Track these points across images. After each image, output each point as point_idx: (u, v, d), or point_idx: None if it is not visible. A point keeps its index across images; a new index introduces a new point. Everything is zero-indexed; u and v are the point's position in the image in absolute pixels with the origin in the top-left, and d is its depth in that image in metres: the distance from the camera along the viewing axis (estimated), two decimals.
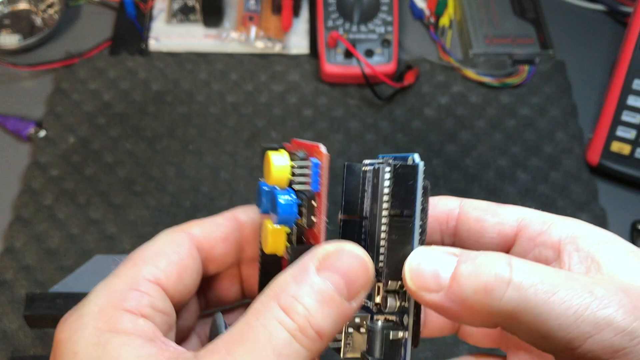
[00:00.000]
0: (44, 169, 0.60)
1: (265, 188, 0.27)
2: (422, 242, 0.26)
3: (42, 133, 0.62)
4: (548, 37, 0.69)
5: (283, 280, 0.24)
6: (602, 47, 0.71)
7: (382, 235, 0.26)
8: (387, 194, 0.26)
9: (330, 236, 0.26)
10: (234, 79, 0.66)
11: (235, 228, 0.29)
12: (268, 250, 0.27)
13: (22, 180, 0.59)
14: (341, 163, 0.29)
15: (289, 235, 0.27)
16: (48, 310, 0.44)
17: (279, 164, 0.26)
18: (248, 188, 0.59)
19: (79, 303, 0.25)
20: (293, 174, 0.27)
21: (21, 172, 0.60)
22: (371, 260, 0.25)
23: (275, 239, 0.27)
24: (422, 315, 0.27)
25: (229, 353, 0.22)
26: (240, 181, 0.59)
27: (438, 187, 0.60)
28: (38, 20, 0.70)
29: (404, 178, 0.25)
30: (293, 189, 0.27)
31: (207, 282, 0.31)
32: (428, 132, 0.64)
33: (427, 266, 0.24)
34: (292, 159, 0.27)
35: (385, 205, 0.26)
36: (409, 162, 0.25)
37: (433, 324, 0.32)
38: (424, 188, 0.26)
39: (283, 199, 0.26)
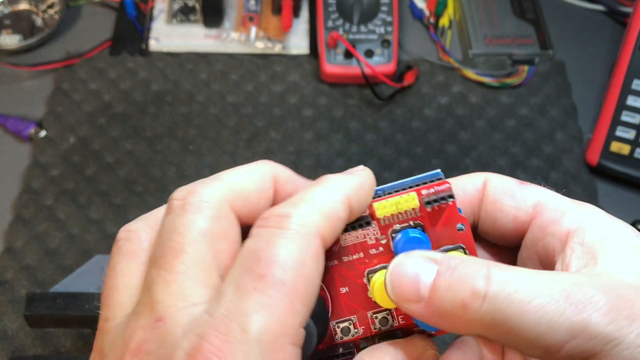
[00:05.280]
0: (45, 169, 0.60)
1: None
2: None
3: (43, 133, 0.62)
4: (548, 38, 0.69)
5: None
6: (601, 47, 0.71)
7: None
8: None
9: None
10: (234, 79, 0.66)
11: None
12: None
13: (22, 180, 0.59)
14: (341, 163, 0.29)
15: None
16: (48, 310, 0.44)
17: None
18: None
19: None
20: None
21: (21, 172, 0.60)
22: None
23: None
24: None
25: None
26: None
27: None
28: (38, 21, 0.70)
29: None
30: None
31: None
32: (428, 132, 0.64)
33: (407, 277, 0.24)
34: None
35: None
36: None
37: None
38: None
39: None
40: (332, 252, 0.26)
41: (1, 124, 0.63)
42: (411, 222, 0.26)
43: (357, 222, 0.26)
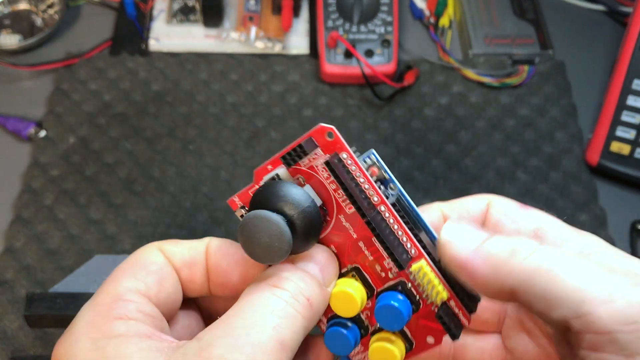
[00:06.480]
0: (44, 169, 0.60)
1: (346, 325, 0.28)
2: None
3: (43, 133, 0.62)
4: (548, 38, 0.69)
5: (266, 272, 0.27)
6: (602, 47, 0.71)
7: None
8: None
9: None
10: (234, 79, 0.66)
11: (203, 254, 0.29)
12: None
13: (22, 180, 0.59)
14: None
15: None
16: (48, 310, 0.44)
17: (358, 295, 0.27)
18: None
19: (68, 326, 0.26)
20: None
21: (21, 172, 0.60)
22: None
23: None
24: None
25: (230, 325, 0.24)
26: (240, 181, 0.59)
27: (438, 187, 0.60)
28: (38, 21, 0.70)
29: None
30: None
31: (204, 303, 0.31)
32: (428, 132, 0.64)
33: (463, 228, 0.26)
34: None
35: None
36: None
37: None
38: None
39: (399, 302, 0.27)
40: (362, 228, 0.27)
41: (1, 124, 0.63)
42: (418, 298, 0.27)
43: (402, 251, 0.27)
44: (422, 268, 0.26)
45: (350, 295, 0.27)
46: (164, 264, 0.28)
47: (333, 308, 0.27)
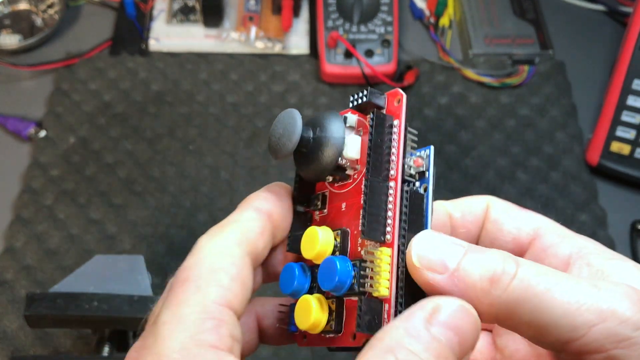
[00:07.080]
0: (44, 169, 0.60)
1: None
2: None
3: (43, 133, 0.62)
4: (548, 38, 0.69)
5: (396, 332, 0.22)
6: (602, 47, 0.71)
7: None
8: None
9: None
10: (234, 79, 0.66)
11: (266, 219, 0.27)
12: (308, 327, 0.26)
13: (22, 180, 0.59)
14: None
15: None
16: (48, 310, 0.44)
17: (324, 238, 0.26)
18: (248, 188, 0.59)
19: (145, 336, 0.23)
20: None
21: (21, 172, 0.60)
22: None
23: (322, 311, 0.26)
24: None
25: None
26: (240, 181, 0.60)
27: (438, 187, 0.60)
28: (38, 21, 0.70)
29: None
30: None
31: None
32: (428, 132, 0.64)
33: (434, 248, 0.24)
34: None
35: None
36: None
37: None
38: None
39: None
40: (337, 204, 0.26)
41: (1, 124, 0.63)
42: (367, 285, 0.25)
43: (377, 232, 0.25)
44: (382, 254, 0.25)
45: (316, 236, 0.26)
46: (242, 262, 0.25)
47: (301, 247, 0.27)
